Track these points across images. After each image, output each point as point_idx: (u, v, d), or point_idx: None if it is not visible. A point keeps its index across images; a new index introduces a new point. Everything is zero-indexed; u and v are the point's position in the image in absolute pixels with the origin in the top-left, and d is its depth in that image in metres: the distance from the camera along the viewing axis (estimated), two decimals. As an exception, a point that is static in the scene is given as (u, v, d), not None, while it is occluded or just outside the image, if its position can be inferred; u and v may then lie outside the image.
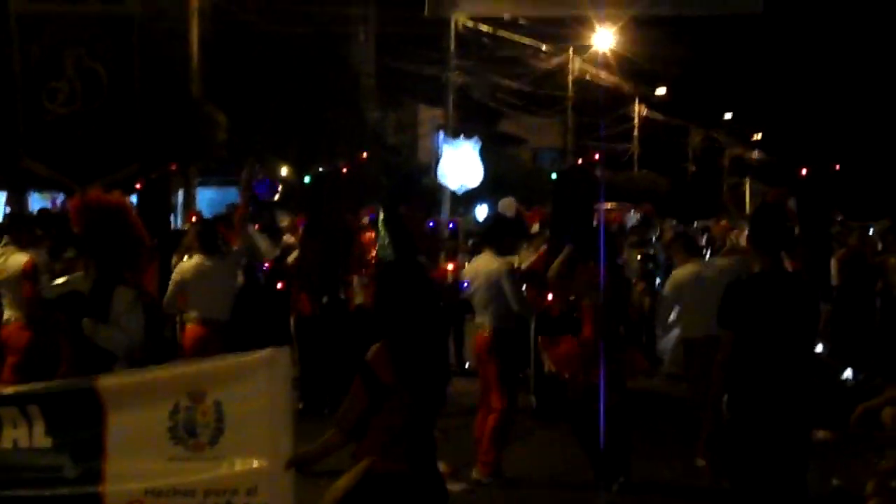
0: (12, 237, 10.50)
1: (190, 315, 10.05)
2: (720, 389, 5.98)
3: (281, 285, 13.22)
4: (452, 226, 18.30)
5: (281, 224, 16.84)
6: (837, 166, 17.70)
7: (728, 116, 54.90)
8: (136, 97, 14.34)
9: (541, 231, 14.45)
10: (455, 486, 8.56)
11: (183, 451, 5.37)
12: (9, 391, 5.86)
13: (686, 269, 10.10)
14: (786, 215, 7.27)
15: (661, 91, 47.58)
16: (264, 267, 13.42)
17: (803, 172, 15.26)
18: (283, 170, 26.40)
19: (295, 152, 26.97)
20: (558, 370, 9.65)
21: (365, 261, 12.90)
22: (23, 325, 10.05)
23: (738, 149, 56.14)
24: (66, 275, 9.75)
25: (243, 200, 11.45)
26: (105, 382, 5.56)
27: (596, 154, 27.29)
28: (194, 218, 14.23)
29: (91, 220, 7.11)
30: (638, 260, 15.93)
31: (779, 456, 5.89)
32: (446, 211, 22.34)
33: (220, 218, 13.95)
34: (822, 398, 6.49)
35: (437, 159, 17.38)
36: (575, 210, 10.55)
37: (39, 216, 14.39)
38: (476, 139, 16.34)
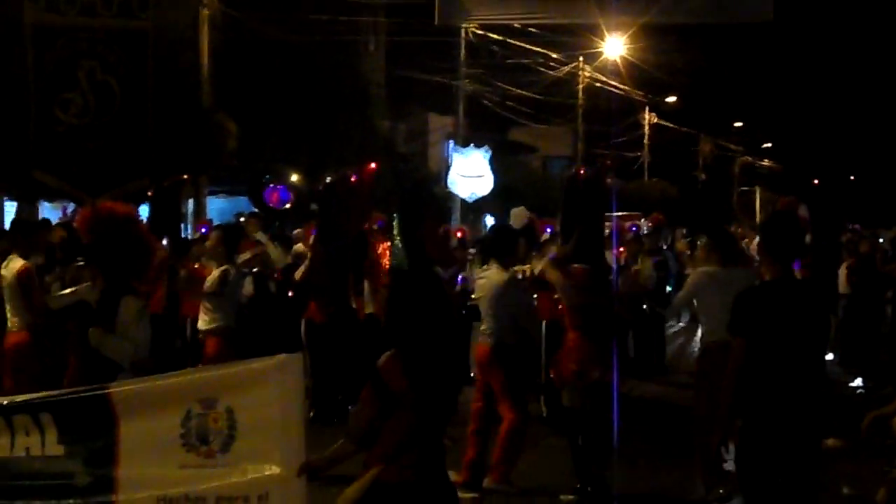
0: (10, 243, 10.56)
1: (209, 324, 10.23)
2: (730, 397, 5.98)
3: (291, 293, 13.24)
4: (460, 235, 18.29)
5: (294, 233, 16.86)
6: (852, 177, 17.69)
7: (738, 125, 54.92)
8: (149, 112, 14.39)
9: (551, 237, 14.43)
10: (466, 495, 8.56)
11: (195, 459, 5.38)
12: (21, 399, 5.83)
13: (713, 269, 9.28)
14: (798, 223, 7.21)
15: (672, 99, 47.56)
16: (275, 275, 13.45)
17: (815, 182, 15.27)
18: (294, 178, 26.47)
19: (305, 161, 26.99)
20: (555, 375, 9.72)
21: (379, 269, 12.91)
22: (22, 332, 10.04)
23: (748, 157, 56.14)
24: (75, 284, 9.81)
25: None
26: (117, 390, 5.57)
27: (608, 161, 27.28)
28: (204, 229, 14.28)
29: (99, 231, 7.13)
30: (650, 267, 15.90)
31: (790, 464, 5.89)
32: (457, 219, 22.33)
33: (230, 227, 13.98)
34: (833, 406, 6.49)
35: (448, 168, 17.37)
36: (584, 214, 10.49)
37: (41, 224, 14.41)
38: (486, 148, 16.36)
